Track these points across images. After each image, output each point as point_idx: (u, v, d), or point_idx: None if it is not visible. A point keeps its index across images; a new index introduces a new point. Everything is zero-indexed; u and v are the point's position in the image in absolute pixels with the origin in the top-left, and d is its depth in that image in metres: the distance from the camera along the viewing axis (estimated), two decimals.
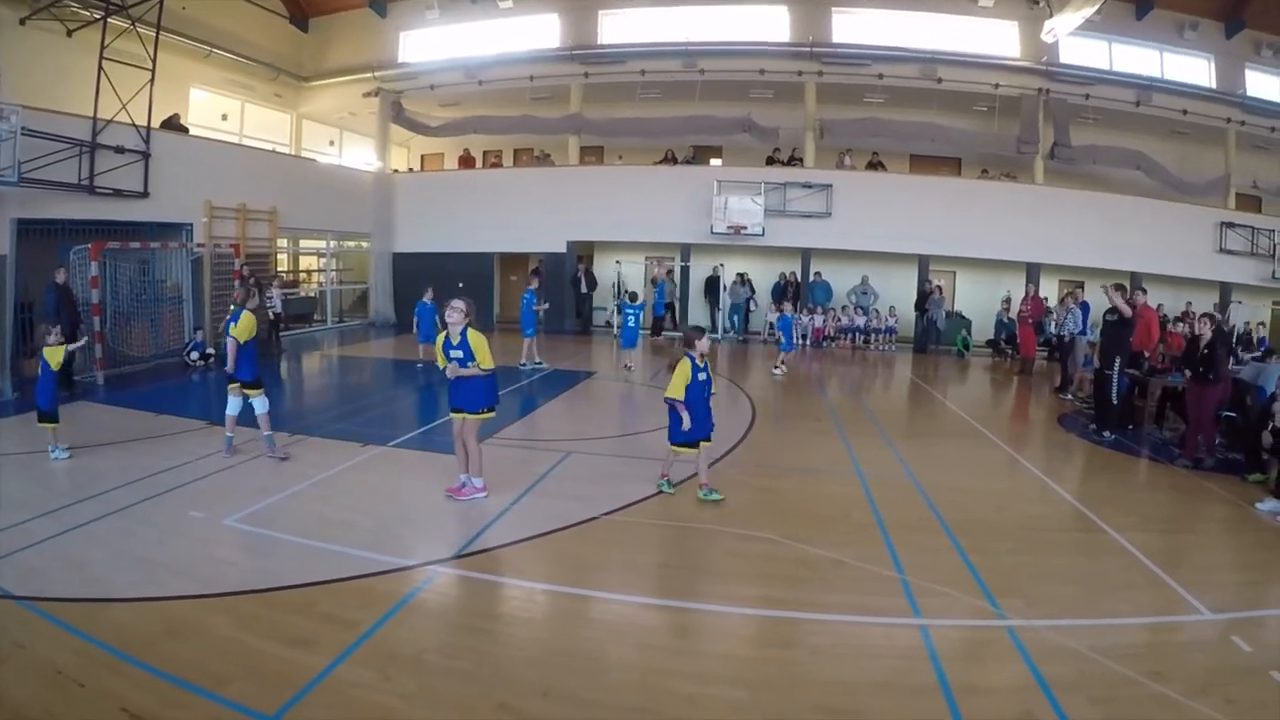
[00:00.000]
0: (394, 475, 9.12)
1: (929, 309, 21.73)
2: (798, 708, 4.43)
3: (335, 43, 27.62)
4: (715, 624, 5.54)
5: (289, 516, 7.66)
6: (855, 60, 23.03)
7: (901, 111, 23.85)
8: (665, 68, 24.06)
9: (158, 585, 6.04)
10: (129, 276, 16.44)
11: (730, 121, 23.91)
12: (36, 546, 6.79)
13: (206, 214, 18.79)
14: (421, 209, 26.28)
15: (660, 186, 24.04)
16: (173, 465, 9.25)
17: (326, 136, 30.25)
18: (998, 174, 23.88)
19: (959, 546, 6.81)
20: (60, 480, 8.88)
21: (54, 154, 14.70)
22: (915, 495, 8.44)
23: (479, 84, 25.69)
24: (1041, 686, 4.52)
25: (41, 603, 5.69)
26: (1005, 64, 22.89)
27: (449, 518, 7.78)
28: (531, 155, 28.54)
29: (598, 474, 9.01)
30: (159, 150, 17.26)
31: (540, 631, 5.56)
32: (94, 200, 15.79)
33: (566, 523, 7.42)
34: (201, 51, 22.90)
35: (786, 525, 7.32)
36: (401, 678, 4.76)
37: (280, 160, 24.28)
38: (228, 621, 5.47)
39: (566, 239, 24.94)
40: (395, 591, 5.98)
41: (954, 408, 14.15)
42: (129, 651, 4.99)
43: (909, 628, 5.35)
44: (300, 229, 24.10)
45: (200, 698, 4.51)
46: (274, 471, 9.13)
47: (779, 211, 22.58)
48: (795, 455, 10.07)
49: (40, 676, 4.76)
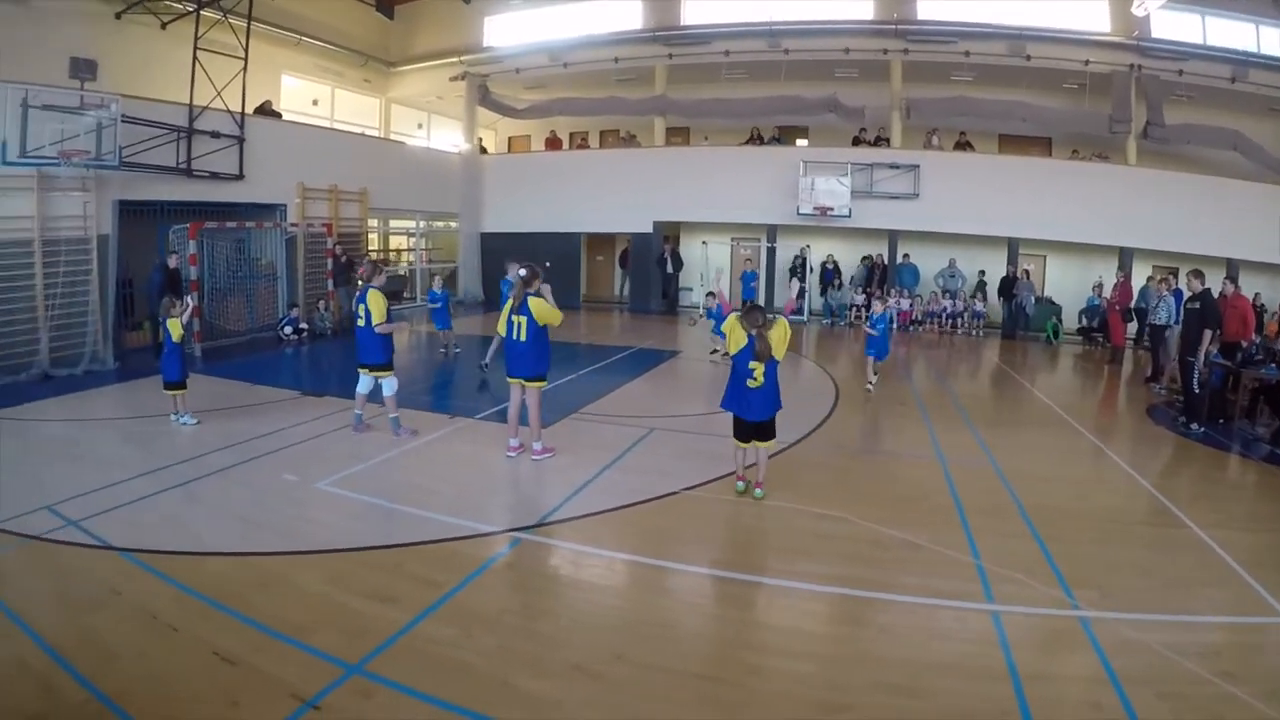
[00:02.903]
0: (480, 446, 9.47)
1: (1017, 294, 21.30)
2: (863, 684, 4.56)
3: (421, 29, 28.19)
4: (786, 599, 5.67)
5: (378, 482, 8.07)
6: (941, 38, 22.54)
7: (989, 90, 23.26)
8: (749, 48, 23.90)
9: (251, 542, 6.50)
10: (225, 255, 17.39)
11: (816, 101, 23.58)
12: (137, 503, 7.35)
13: (299, 195, 19.62)
14: (509, 190, 26.68)
15: (746, 167, 23.91)
16: (268, 432, 9.84)
17: (415, 120, 30.82)
18: (1089, 154, 23.05)
19: (1036, 534, 6.83)
20: (160, 443, 9.47)
21: (153, 139, 15.48)
22: (995, 481, 8.45)
23: (563, 66, 25.92)
24: (1111, 679, 4.55)
25: (140, 554, 6.18)
26: (1095, 39, 21.98)
27: (532, 487, 8.13)
28: (618, 137, 28.73)
29: (679, 450, 9.22)
30: (253, 135, 18.05)
31: (616, 599, 5.82)
32: (191, 182, 16.62)
33: (647, 496, 7.67)
34: (291, 40, 23.60)
35: (864, 506, 7.42)
36: (481, 636, 5.03)
37: (370, 143, 24.96)
38: (316, 577, 5.86)
39: (653, 219, 25.07)
40: (478, 555, 6.32)
41: (1040, 395, 14.00)
42: (221, 601, 5.40)
43: (981, 612, 5.42)
44: (390, 209, 24.77)
45: (287, 645, 4.86)
46: (365, 440, 9.61)
47: (866, 193, 22.34)
48: (877, 438, 10.14)
49: (136, 621, 5.19)
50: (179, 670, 4.63)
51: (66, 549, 6.31)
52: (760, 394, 7.60)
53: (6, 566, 5.98)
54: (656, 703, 4.37)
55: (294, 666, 4.63)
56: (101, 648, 4.84)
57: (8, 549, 6.30)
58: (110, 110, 13.98)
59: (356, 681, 4.49)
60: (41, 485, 7.78)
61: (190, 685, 4.48)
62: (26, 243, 13.33)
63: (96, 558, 6.16)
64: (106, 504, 7.26)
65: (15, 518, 6.86)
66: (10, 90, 12.66)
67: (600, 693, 4.46)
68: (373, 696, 4.37)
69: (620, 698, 4.41)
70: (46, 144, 13.06)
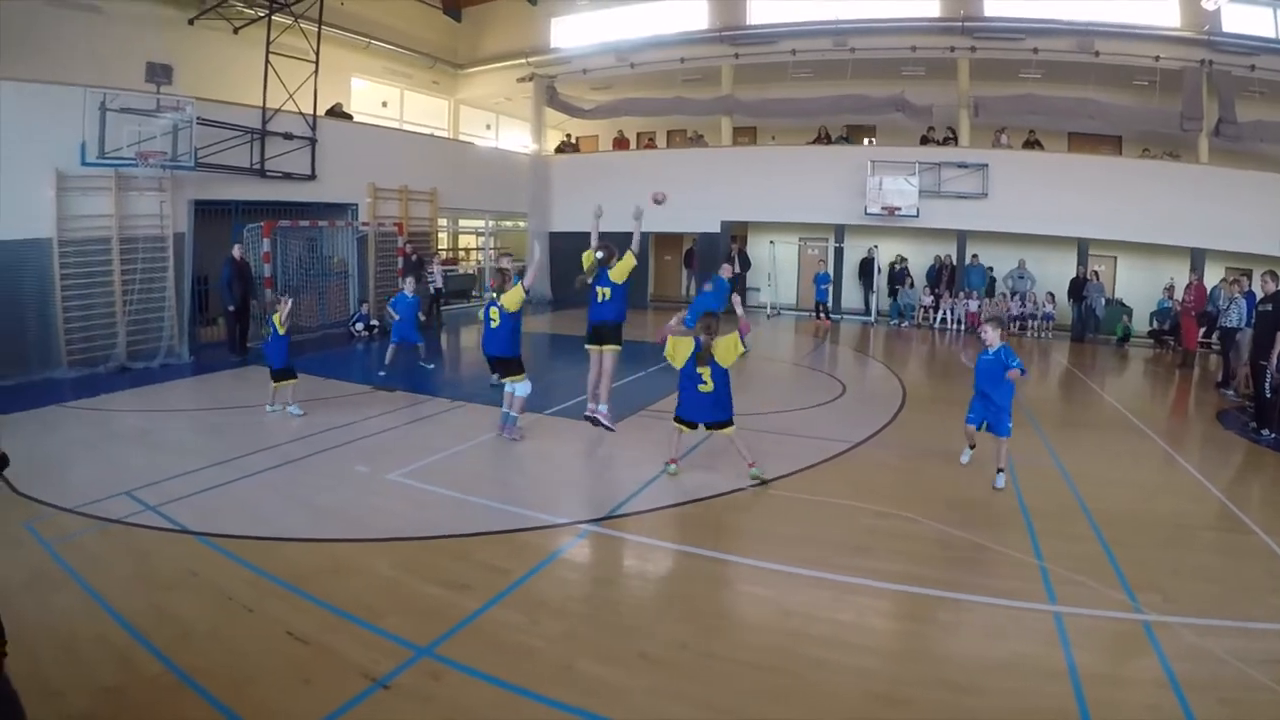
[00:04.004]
0: (549, 440, 9.64)
1: (1087, 295, 20.87)
2: (924, 680, 4.57)
3: (488, 31, 28.59)
4: (850, 595, 5.67)
5: (449, 474, 8.26)
6: (1008, 34, 22.10)
7: (1058, 87, 22.66)
8: (815, 47, 23.75)
9: (323, 529, 6.73)
10: (298, 253, 17.88)
11: (883, 100, 23.33)
12: (213, 490, 7.64)
13: (370, 195, 20.06)
14: (576, 189, 26.81)
15: (813, 167, 23.80)
16: (340, 424, 10.14)
17: (483, 120, 31.29)
18: (1159, 153, 22.52)
19: (1101, 537, 6.73)
20: (235, 434, 9.82)
21: (227, 141, 15.99)
22: (1061, 483, 8.35)
23: (630, 67, 26.07)
24: (1172, 683, 4.49)
25: (216, 538, 6.43)
26: (1165, 35, 21.29)
27: (600, 481, 8.33)
28: (685, 136, 28.72)
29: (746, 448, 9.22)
30: (324, 136, 18.53)
31: (681, 590, 5.90)
32: (265, 182, 17.15)
33: (713, 492, 7.75)
34: (361, 43, 24.13)
35: (928, 505, 7.38)
36: (548, 623, 5.15)
37: (439, 144, 25.45)
38: (388, 563, 6.05)
39: (720, 219, 25.02)
40: (546, 546, 6.45)
41: (1109, 398, 13.73)
42: (294, 584, 5.60)
43: (1043, 613, 5.37)
44: (459, 209, 25.19)
45: (358, 626, 5.03)
46: (436, 432, 9.89)
47: (934, 192, 22.06)
48: (943, 438, 10.02)
49: (211, 600, 5.42)
50: (253, 648, 4.81)
51: (145, 532, 6.59)
52: (711, 398, 8.00)
53: (88, 548, 6.25)
54: (719, 692, 4.42)
55: (365, 647, 4.78)
56: (178, 626, 5.06)
57: (88, 531, 6.59)
58: (185, 113, 14.51)
59: (426, 663, 4.63)
60: (120, 472, 8.12)
61: (263, 663, 4.65)
62: (105, 240, 13.90)
63: (174, 541, 6.43)
64: (183, 490, 7.55)
65: (96, 502, 7.18)
66: (89, 94, 13.19)
67: (664, 680, 4.53)
68: (441, 678, 4.49)
69: (684, 685, 4.48)
70: (124, 145, 13.59)
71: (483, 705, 4.26)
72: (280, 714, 4.18)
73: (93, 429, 10.23)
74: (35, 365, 12.92)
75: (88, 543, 6.35)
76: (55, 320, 13.26)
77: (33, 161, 12.97)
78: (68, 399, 11.70)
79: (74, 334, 13.50)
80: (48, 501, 7.01)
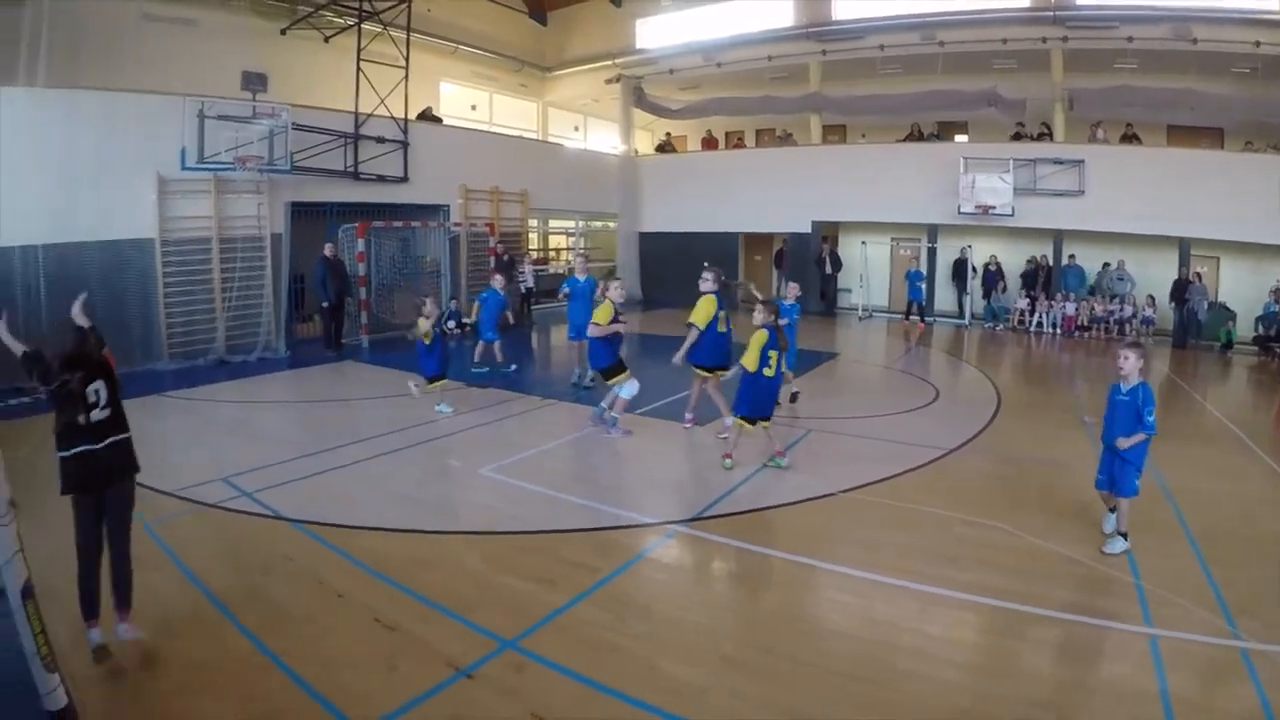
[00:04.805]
0: (638, 440, 9.66)
1: (1189, 299, 19.92)
2: (1010, 698, 4.44)
3: (574, 33, 28.79)
4: (938, 606, 5.56)
5: (539, 470, 8.36)
6: (1101, 23, 21.12)
7: (1155, 78, 21.61)
8: (903, 41, 23.25)
9: (415, 520, 6.90)
10: (391, 252, 18.32)
11: (974, 95, 22.76)
12: (308, 479, 7.91)
13: (462, 196, 20.47)
14: (665, 190, 27.05)
15: (904, 165, 23.39)
16: (434, 419, 10.38)
17: (572, 122, 31.67)
18: (1264, 145, 21.09)
19: (1200, 556, 6.44)
20: (330, 426, 10.17)
21: (321, 145, 16.49)
22: (1160, 497, 7.99)
23: (717, 66, 26.03)
24: (1267, 715, 4.27)
25: (311, 525, 6.64)
26: (1265, 18, 19.72)
27: (690, 482, 8.30)
28: (773, 135, 28.62)
29: (836, 452, 9.18)
30: (416, 139, 18.95)
31: (768, 594, 5.90)
32: (358, 185, 17.63)
33: (802, 496, 7.67)
34: (449, 49, 24.61)
35: (1021, 516, 7.20)
36: (633, 621, 5.18)
37: (528, 145, 25.79)
38: (477, 556, 6.18)
39: (811, 219, 24.83)
40: (634, 545, 6.49)
41: (1211, 409, 13.09)
42: (385, 572, 5.74)
43: (1136, 635, 5.18)
44: (549, 209, 25.34)
45: (446, 617, 5.14)
46: (526, 429, 10.06)
47: (1028, 190, 21.36)
48: (1038, 446, 9.78)
49: (304, 585, 5.61)
50: (342, 633, 4.95)
51: (241, 517, 6.85)
52: (778, 382, 8.26)
53: (185, 530, 6.51)
54: (802, 698, 4.39)
55: (451, 637, 4.89)
56: (270, 607, 5.24)
57: (186, 514, 6.87)
58: (280, 119, 15.12)
59: (510, 656, 4.70)
60: (218, 459, 8.46)
61: (351, 647, 4.78)
62: (205, 241, 14.51)
63: (269, 527, 6.66)
64: (279, 479, 7.83)
65: (194, 486, 7.49)
66: (188, 103, 13.86)
67: (747, 684, 4.51)
68: (524, 671, 4.55)
69: (766, 690, 4.46)
70: (222, 151, 14.23)
71: (564, 700, 4.30)
72: (365, 698, 4.27)
73: (192, 418, 10.66)
74: (139, 357, 13.47)
75: (185, 525, 6.62)
76: (157, 316, 13.87)
77: (136, 166, 13.61)
78: (168, 389, 12.24)
79: (175, 328, 14.11)
80: (148, 485, 7.19)
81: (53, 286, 12.32)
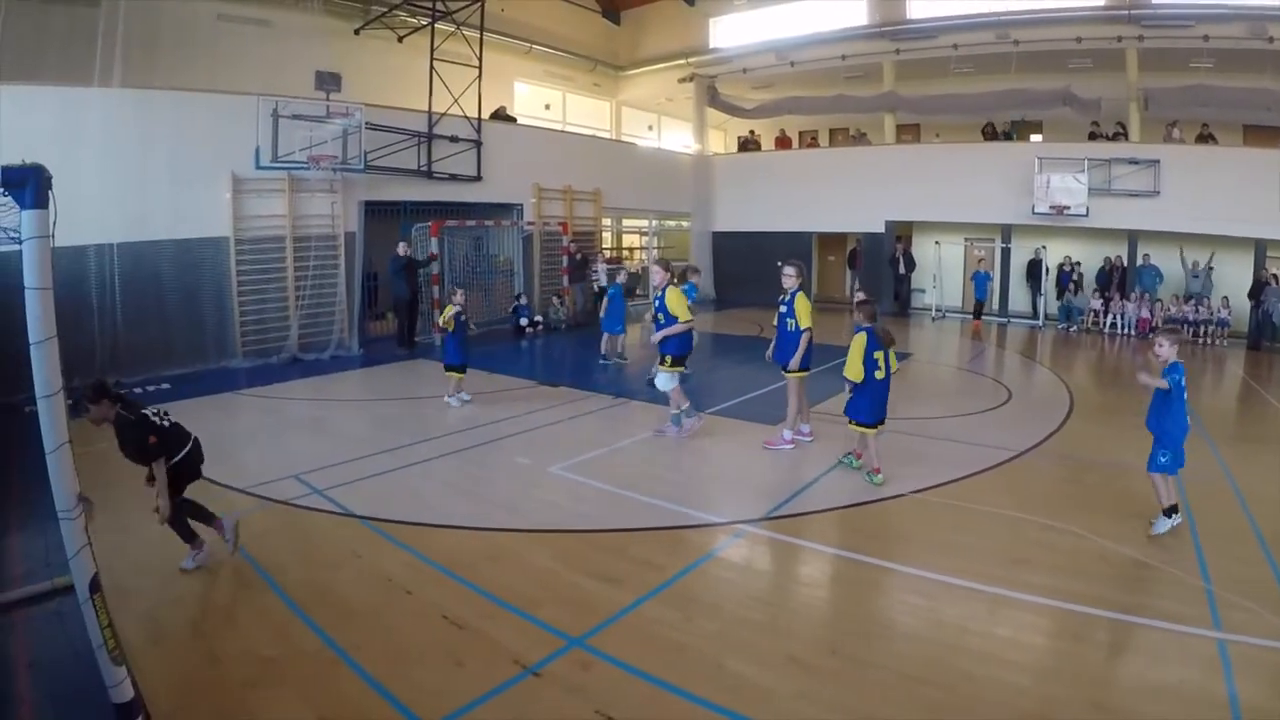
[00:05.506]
0: (710, 439, 9.65)
1: (1265, 300, 19.33)
2: (1077, 702, 4.37)
3: (647, 33, 28.78)
4: (1006, 608, 5.49)
5: (610, 469, 8.43)
6: (1176, 21, 20.48)
7: (1231, 77, 20.91)
8: (977, 40, 22.84)
9: (484, 518, 6.98)
10: (464, 251, 18.64)
11: (1048, 94, 22.35)
12: (379, 477, 8.04)
13: (535, 195, 20.61)
14: (739, 189, 27.00)
15: (978, 164, 23.07)
16: (504, 418, 10.47)
17: (645, 121, 31.72)
18: None
19: (1273, 562, 6.25)
20: (402, 424, 10.28)
21: (395, 144, 16.70)
22: (1234, 502, 7.79)
23: (790, 65, 25.87)
24: None
25: (380, 522, 6.77)
26: None
27: (760, 482, 8.22)
28: (847, 134, 28.49)
29: (906, 453, 9.05)
30: (489, 139, 19.09)
31: (835, 595, 5.88)
32: (432, 184, 17.83)
33: (872, 497, 7.65)
34: (522, 48, 24.77)
35: (1093, 519, 7.06)
36: (701, 620, 5.20)
37: (601, 145, 25.90)
38: (545, 554, 6.23)
39: (885, 219, 24.68)
40: (703, 544, 6.50)
41: None
42: (453, 570, 5.85)
43: (1206, 639, 5.04)
44: (622, 209, 25.48)
45: (514, 614, 5.20)
46: (597, 428, 10.12)
47: (1103, 190, 20.89)
48: (1110, 449, 9.56)
49: (373, 582, 5.70)
50: (410, 629, 5.06)
51: (311, 514, 7.02)
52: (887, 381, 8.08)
53: (256, 526, 6.65)
54: (867, 700, 4.38)
55: (518, 634, 4.97)
56: (339, 604, 5.37)
57: (257, 510, 7.05)
58: (354, 118, 15.35)
59: (577, 654, 4.76)
60: (290, 456, 8.68)
61: (419, 644, 4.88)
62: (279, 239, 14.83)
63: (338, 523, 6.81)
64: (349, 476, 8.00)
65: (266, 483, 7.69)
66: (262, 102, 14.10)
67: (813, 685, 4.51)
68: (591, 669, 4.61)
69: (832, 691, 4.45)
70: (296, 150, 14.49)
71: (630, 698, 4.34)
72: (433, 694, 4.35)
73: (265, 415, 10.93)
74: (213, 355, 13.90)
75: (255, 521, 6.76)
76: (231, 313, 14.22)
77: (210, 165, 13.95)
78: (242, 387, 12.57)
79: (249, 326, 14.45)
80: (220, 481, 7.46)
81: (127, 285, 12.78)
